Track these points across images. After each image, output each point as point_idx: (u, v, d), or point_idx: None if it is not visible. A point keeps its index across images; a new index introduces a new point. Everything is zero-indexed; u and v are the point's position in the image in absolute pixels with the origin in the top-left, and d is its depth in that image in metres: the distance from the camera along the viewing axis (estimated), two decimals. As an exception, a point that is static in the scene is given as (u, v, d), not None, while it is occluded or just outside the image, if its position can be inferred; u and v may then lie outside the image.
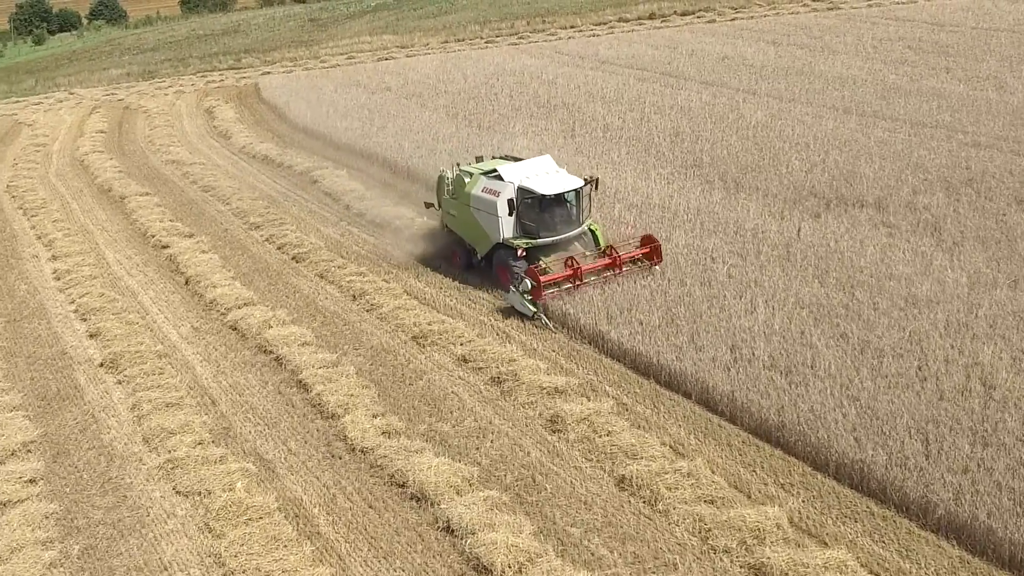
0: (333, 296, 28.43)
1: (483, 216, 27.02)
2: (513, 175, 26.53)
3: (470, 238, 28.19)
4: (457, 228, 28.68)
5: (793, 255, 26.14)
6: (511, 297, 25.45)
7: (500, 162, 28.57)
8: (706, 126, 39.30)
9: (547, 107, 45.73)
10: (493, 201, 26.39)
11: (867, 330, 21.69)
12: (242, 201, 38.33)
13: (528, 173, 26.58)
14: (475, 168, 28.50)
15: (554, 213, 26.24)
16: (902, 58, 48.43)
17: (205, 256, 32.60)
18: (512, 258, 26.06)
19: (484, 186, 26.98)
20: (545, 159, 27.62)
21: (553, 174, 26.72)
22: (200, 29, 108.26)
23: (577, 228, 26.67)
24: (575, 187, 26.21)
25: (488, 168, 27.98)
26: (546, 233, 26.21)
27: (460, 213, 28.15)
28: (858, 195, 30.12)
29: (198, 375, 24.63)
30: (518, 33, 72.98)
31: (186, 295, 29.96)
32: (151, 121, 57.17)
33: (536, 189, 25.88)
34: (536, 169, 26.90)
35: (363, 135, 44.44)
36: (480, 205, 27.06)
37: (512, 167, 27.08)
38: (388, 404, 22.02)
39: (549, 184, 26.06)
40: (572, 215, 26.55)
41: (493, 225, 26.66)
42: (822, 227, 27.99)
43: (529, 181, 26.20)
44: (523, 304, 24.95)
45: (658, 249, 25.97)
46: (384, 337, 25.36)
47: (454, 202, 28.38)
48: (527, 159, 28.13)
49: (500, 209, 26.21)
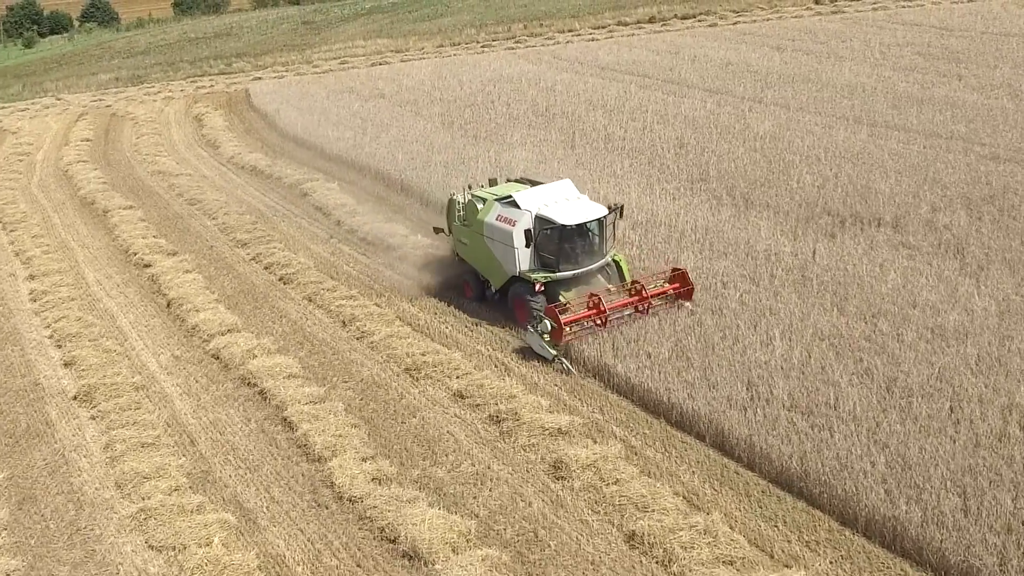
0: (322, 322, 26.92)
1: (498, 246, 24.88)
2: (530, 202, 24.36)
3: (483, 269, 26.09)
4: (469, 258, 26.54)
5: (809, 280, 24.66)
6: (529, 338, 23.34)
7: (515, 186, 26.48)
8: (712, 137, 37.81)
9: (546, 116, 44.23)
10: (508, 231, 24.25)
11: (893, 365, 20.21)
12: (229, 216, 36.80)
13: (546, 200, 24.40)
14: (488, 193, 26.33)
15: (575, 245, 24.08)
16: (911, 64, 46.96)
17: (188, 276, 31.06)
18: (529, 293, 23.96)
19: (499, 214, 24.82)
20: (565, 184, 25.44)
21: (574, 201, 24.53)
22: (192, 32, 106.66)
23: (600, 260, 24.46)
24: (598, 216, 24.03)
25: (502, 194, 25.75)
26: (567, 266, 24.03)
27: (472, 242, 26.03)
28: (874, 213, 28.64)
29: (177, 410, 23.12)
30: (515, 37, 71.46)
31: (167, 319, 28.43)
32: (138, 129, 55.59)
33: (556, 219, 23.70)
34: (555, 195, 24.69)
35: (355, 145, 42.93)
36: (494, 235, 24.92)
37: (529, 193, 24.85)
38: (379, 445, 20.52)
39: (570, 213, 23.87)
40: (595, 246, 24.40)
41: (509, 257, 24.53)
42: (838, 248, 26.52)
43: (548, 209, 24.01)
44: (542, 347, 22.84)
45: (690, 286, 23.85)
46: (375, 369, 23.85)
47: (466, 230, 26.23)
48: (545, 184, 25.85)
49: (516, 240, 24.05)
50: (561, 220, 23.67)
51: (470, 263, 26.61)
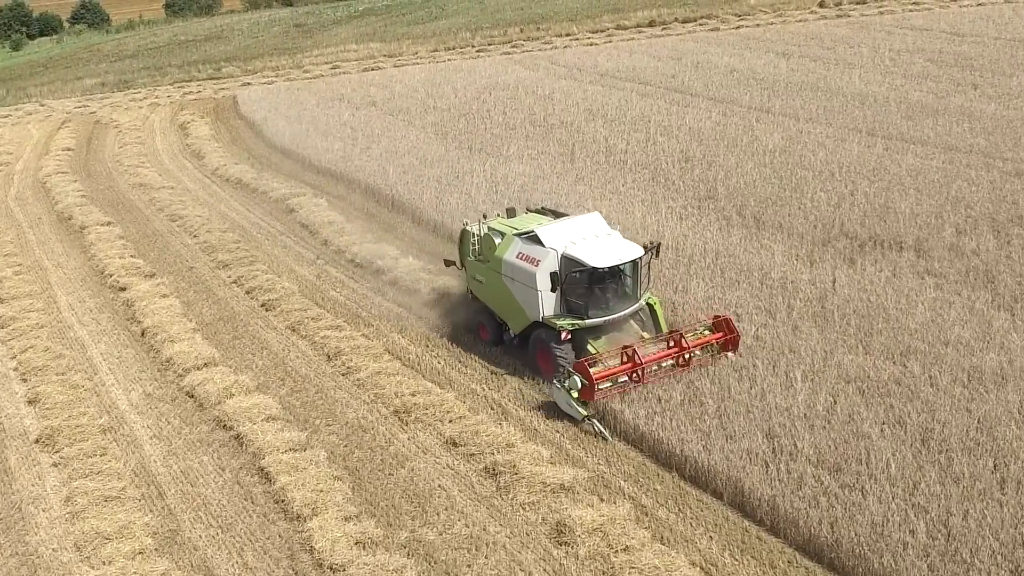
0: (305, 355, 25.08)
1: (518, 288, 22.29)
2: (555, 239, 21.68)
3: (501, 311, 23.46)
4: (485, 297, 23.93)
5: (829, 312, 22.87)
6: (556, 394, 20.55)
7: (536, 218, 23.98)
8: (718, 150, 36.01)
9: (543, 126, 42.41)
10: (531, 272, 21.63)
11: (927, 414, 18.43)
12: (211, 234, 34.93)
13: (573, 237, 21.73)
14: (506, 226, 23.61)
15: (607, 288, 21.59)
16: (923, 72, 45.18)
17: (165, 302, 29.20)
18: (554, 341, 21.36)
19: (519, 251, 22.17)
20: (593, 218, 22.87)
21: (604, 238, 21.88)
22: (182, 34, 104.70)
23: (634, 305, 21.86)
24: (633, 258, 21.41)
25: (523, 227, 23.00)
26: (597, 313, 21.44)
27: (489, 280, 23.40)
28: (895, 235, 26.87)
29: (146, 456, 21.28)
30: (511, 41, 69.58)
31: (140, 351, 26.58)
32: (121, 137, 53.69)
33: (586, 261, 20.99)
34: (582, 231, 22.00)
35: (345, 157, 41.09)
36: (514, 274, 22.30)
37: (553, 229, 22.15)
38: (364, 501, 18.70)
39: (601, 254, 21.17)
40: (628, 290, 21.89)
41: (531, 300, 21.90)
42: (859, 275, 24.72)
43: (576, 249, 21.31)
44: (570, 405, 20.13)
45: (734, 334, 21.34)
46: (361, 410, 22.01)
47: (481, 266, 23.60)
48: (570, 216, 23.50)
49: (539, 282, 21.44)
50: (591, 262, 20.97)
51: (486, 303, 23.97)
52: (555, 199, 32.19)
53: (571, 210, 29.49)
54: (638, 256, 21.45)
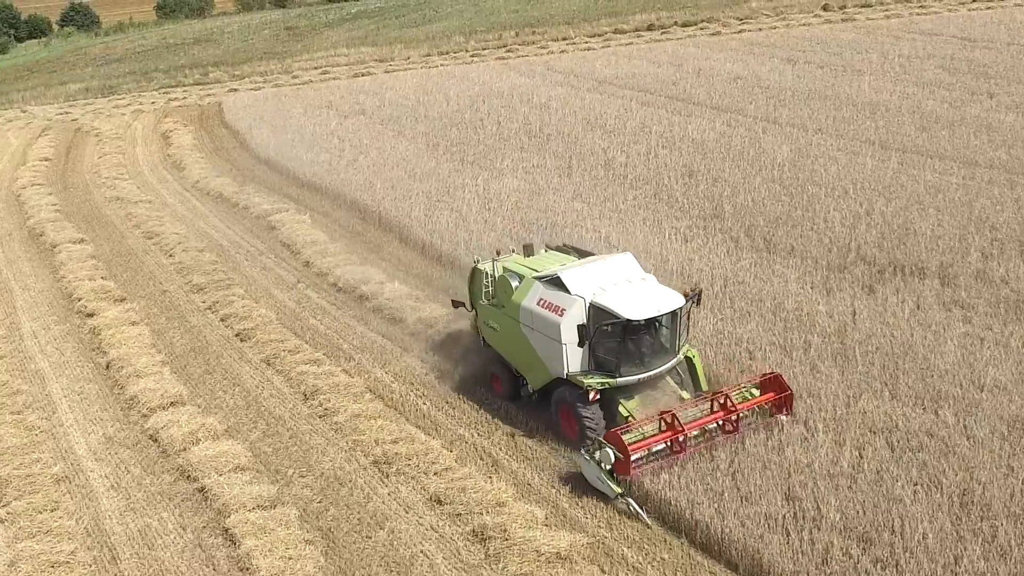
0: (280, 393, 23.13)
1: (539, 339, 19.56)
2: (582, 285, 18.99)
3: (519, 363, 20.72)
4: (499, 347, 21.18)
5: (850, 349, 20.96)
6: (584, 468, 17.87)
7: (558, 257, 21.26)
8: (724, 164, 34.11)
9: (539, 137, 40.51)
10: (555, 322, 18.90)
11: (965, 472, 16.54)
12: (187, 253, 32.98)
13: (602, 282, 19.07)
14: (525, 266, 20.78)
15: (642, 343, 18.97)
16: (936, 79, 43.31)
17: (134, 330, 27.25)
18: (581, 402, 18.78)
19: (540, 297, 19.45)
20: (624, 260, 20.07)
21: (638, 284, 19.20)
22: (172, 37, 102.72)
23: (672, 361, 19.18)
24: (672, 309, 18.67)
25: (543, 268, 20.31)
26: (630, 370, 18.74)
27: (504, 328, 20.69)
28: (916, 260, 24.98)
29: (101, 512, 19.33)
30: (506, 45, 67.70)
31: (104, 386, 24.64)
32: (101, 147, 51.73)
33: (619, 312, 18.26)
34: (612, 275, 19.33)
35: (331, 170, 39.18)
36: (535, 323, 19.57)
37: (579, 272, 19.41)
38: (337, 570, 16.81)
39: (636, 303, 18.45)
40: (666, 344, 19.24)
41: (553, 354, 19.18)
42: (879, 306, 22.81)
43: (606, 297, 18.64)
44: (601, 480, 17.49)
45: (787, 392, 18.75)
46: (339, 459, 20.08)
47: (496, 312, 20.89)
48: (596, 257, 20.73)
49: (565, 334, 18.76)
50: (625, 314, 18.24)
51: (500, 353, 21.24)
52: (551, 218, 30.39)
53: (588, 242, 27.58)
54: (678, 307, 18.69)
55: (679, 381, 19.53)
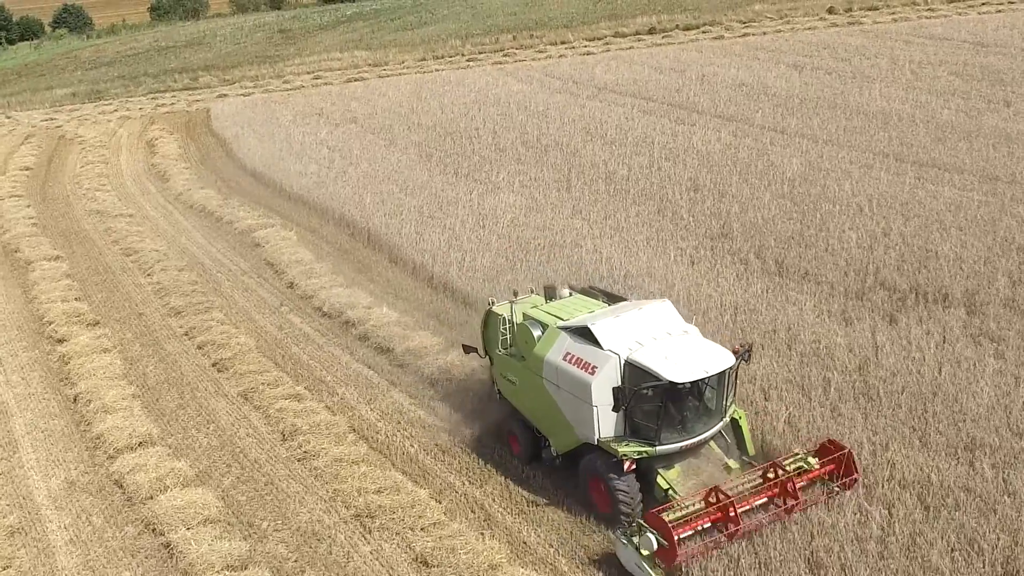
0: (257, 432, 21.47)
1: (565, 398, 17.24)
2: (616, 339, 16.69)
3: (541, 423, 18.39)
4: (519, 403, 18.89)
5: (873, 388, 19.30)
6: (620, 552, 15.61)
7: (585, 303, 18.88)
8: (731, 178, 32.45)
9: (537, 148, 38.84)
10: (584, 381, 16.57)
11: (1008, 535, 14.95)
12: (166, 272, 31.35)
13: (639, 335, 16.77)
14: (548, 313, 18.51)
15: (685, 407, 16.59)
16: (949, 87, 41.64)
17: (105, 359, 25.62)
18: (614, 472, 16.42)
19: (568, 351, 17.12)
20: (662, 309, 17.64)
21: (679, 338, 16.92)
22: (163, 40, 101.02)
23: (717, 425, 16.87)
24: (721, 370, 16.36)
25: (569, 316, 18.09)
26: (671, 437, 16.39)
27: (525, 383, 18.40)
28: (940, 286, 23.30)
29: (57, 569, 17.77)
30: (503, 49, 66.00)
31: (70, 422, 23.01)
32: (85, 155, 50.11)
33: (660, 373, 15.92)
34: (649, 326, 17.04)
35: (319, 183, 37.54)
36: (561, 381, 17.26)
37: (611, 324, 17.01)
38: (312, 645, 15.13)
39: (680, 364, 16.08)
40: (711, 406, 16.84)
41: (583, 416, 16.83)
42: (903, 339, 21.14)
43: (645, 354, 16.31)
44: (640, 568, 15.26)
45: (854, 475, 16.29)
46: (318, 510, 18.42)
47: (515, 363, 18.64)
48: (629, 304, 18.28)
49: (596, 395, 16.42)
50: (668, 375, 15.89)
51: (519, 409, 18.95)
52: (549, 237, 28.77)
53: (589, 265, 26.19)
54: (727, 367, 16.39)
55: (724, 447, 17.28)
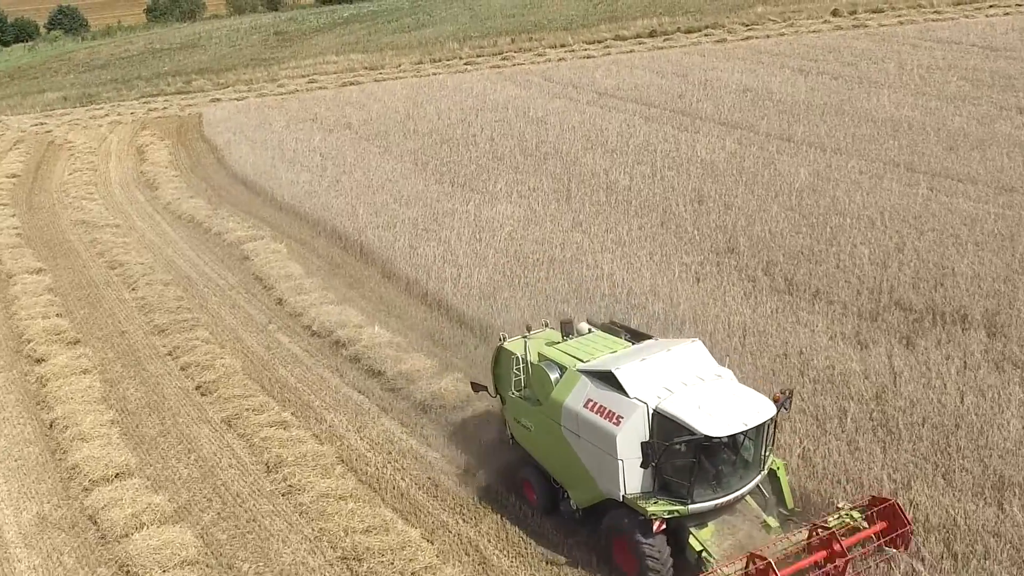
0: (240, 463, 20.35)
1: (586, 448, 15.62)
2: (643, 385, 15.09)
3: (559, 473, 16.81)
4: (534, 450, 17.29)
5: (892, 419, 18.19)
6: None
7: (605, 340, 17.15)
8: (736, 188, 31.33)
9: (535, 156, 37.73)
10: (608, 432, 14.96)
11: (1045, 588, 13.79)
12: (151, 287, 30.25)
13: (668, 380, 15.17)
14: (567, 354, 16.75)
15: (719, 461, 14.98)
16: (959, 93, 40.52)
17: (84, 381, 24.52)
18: (642, 532, 14.78)
19: (589, 398, 15.51)
20: (693, 351, 16.02)
21: (713, 384, 15.29)
22: (158, 42, 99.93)
23: (755, 479, 15.29)
24: (762, 421, 14.72)
25: (588, 355, 16.47)
26: (705, 495, 14.85)
27: (541, 429, 16.79)
28: (958, 306, 22.20)
29: (23, 616, 16.58)
30: (501, 53, 64.92)
31: (45, 449, 21.91)
32: (73, 162, 49.05)
33: (695, 426, 14.32)
34: (680, 371, 15.43)
35: (311, 193, 36.46)
36: (581, 430, 15.64)
37: (638, 368, 15.43)
38: None
39: (716, 415, 14.49)
40: (749, 459, 15.24)
41: (606, 469, 15.23)
42: (921, 364, 20.02)
43: (676, 404, 14.72)
44: None
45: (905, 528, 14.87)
46: (302, 551, 17.30)
47: (529, 408, 17.00)
48: (656, 343, 16.60)
49: (621, 448, 14.83)
50: (704, 429, 14.29)
51: (535, 457, 17.34)
52: (548, 251, 27.68)
53: (590, 281, 25.05)
54: (768, 418, 14.79)
55: (762, 503, 15.78)
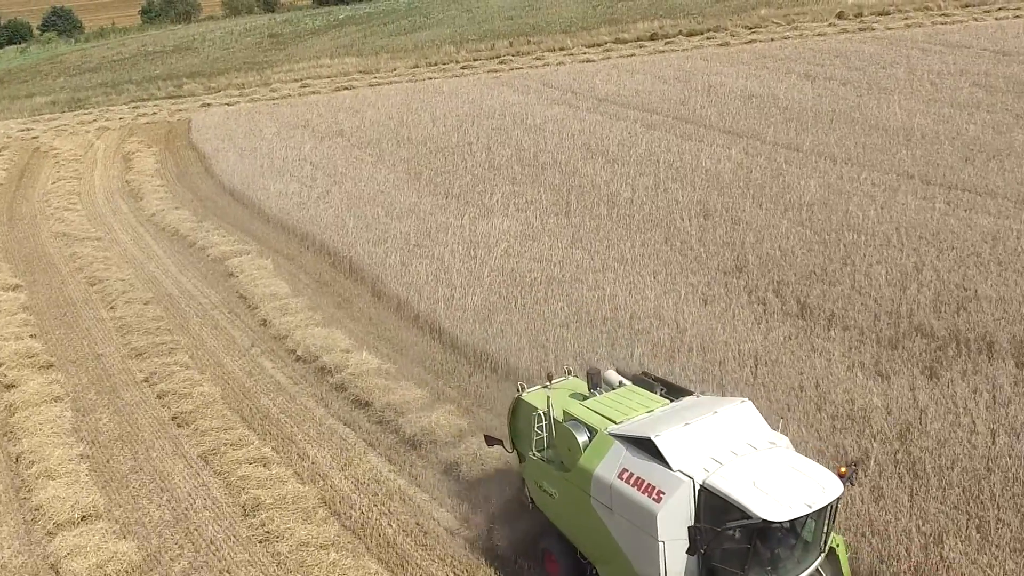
0: (216, 504, 18.95)
1: (620, 525, 13.47)
2: (688, 457, 12.99)
3: (587, 547, 14.63)
4: (558, 518, 15.14)
5: (919, 462, 16.78)
6: None
7: (638, 396, 14.96)
8: (744, 202, 29.94)
9: (533, 166, 36.35)
10: (648, 511, 12.85)
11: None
12: (131, 305, 28.89)
13: (716, 450, 13.10)
14: (594, 411, 14.65)
15: (776, 544, 12.94)
16: (972, 100, 39.11)
17: (54, 410, 23.14)
18: None
19: (624, 468, 13.36)
20: (743, 413, 13.90)
21: (768, 455, 13.18)
22: (151, 44, 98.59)
23: (816, 561, 13.25)
24: (828, 502, 12.60)
25: (621, 414, 14.30)
26: None
27: (567, 497, 14.65)
28: (983, 332, 20.80)
29: None
30: (499, 56, 63.58)
31: (9, 487, 20.54)
32: (58, 170, 47.71)
33: (752, 509, 12.25)
34: (729, 439, 13.34)
35: (300, 204, 35.07)
36: (616, 503, 13.48)
37: (680, 434, 13.29)
38: None
39: (775, 496, 12.37)
40: (809, 540, 13.18)
41: (644, 551, 13.12)
42: (947, 398, 18.62)
43: (727, 479, 12.65)
44: None
45: None
46: (278, 609, 15.91)
47: (552, 471, 14.91)
48: (698, 403, 14.42)
49: (663, 529, 12.75)
50: (763, 512, 12.21)
51: (558, 526, 15.17)
52: (546, 270, 26.30)
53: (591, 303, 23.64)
54: (835, 497, 12.67)
55: None
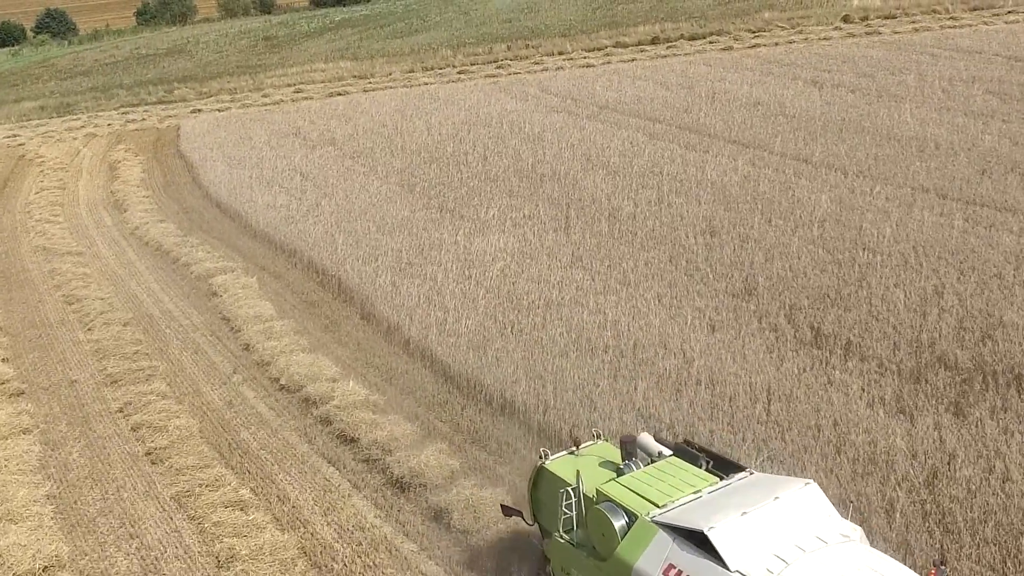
0: (188, 553, 17.57)
1: None
2: (747, 553, 11.08)
3: None
4: None
5: (950, 514, 15.41)
6: None
7: (681, 471, 13.09)
8: (752, 218, 28.58)
9: (531, 178, 35.00)
10: None
11: None
12: (109, 327, 27.56)
13: (780, 546, 11.20)
14: (631, 490, 12.74)
15: None
16: (987, 108, 37.76)
17: (22, 444, 21.83)
18: None
19: (671, 563, 11.47)
20: (808, 498, 12.17)
21: (839, 550, 11.35)
22: (145, 47, 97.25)
23: None
24: None
25: (664, 499, 12.34)
26: None
27: None
28: (1011, 364, 19.45)
29: None
30: (497, 60, 62.24)
31: (-31, 530, 19.06)
32: (42, 179, 46.39)
33: None
34: (794, 531, 11.49)
35: (288, 218, 33.73)
36: None
37: (738, 527, 11.41)
38: None
39: None
40: None
41: None
42: (976, 439, 17.25)
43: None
44: None
45: None
46: None
47: (583, 557, 12.93)
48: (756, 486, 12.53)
49: None
50: None
51: None
52: (545, 292, 24.93)
53: (592, 328, 22.30)
54: None
55: None
